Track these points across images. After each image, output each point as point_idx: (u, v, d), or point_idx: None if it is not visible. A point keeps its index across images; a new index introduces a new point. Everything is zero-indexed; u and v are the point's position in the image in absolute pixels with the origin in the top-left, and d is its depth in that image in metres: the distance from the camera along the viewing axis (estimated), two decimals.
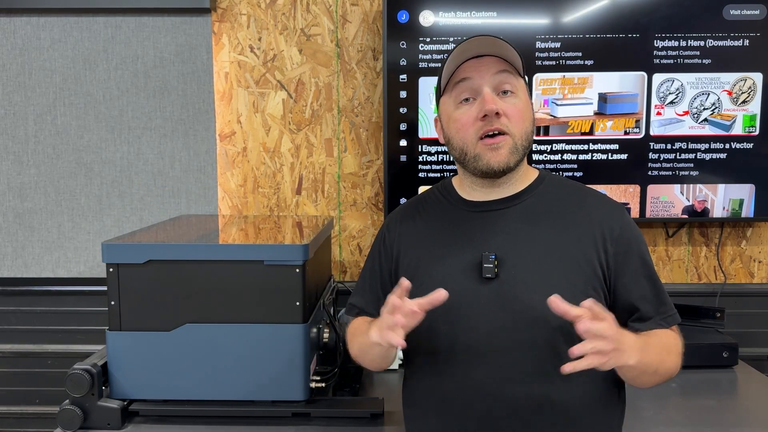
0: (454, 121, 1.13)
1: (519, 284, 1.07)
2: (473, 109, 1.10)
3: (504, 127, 1.09)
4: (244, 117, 1.92)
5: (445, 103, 1.16)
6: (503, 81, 1.11)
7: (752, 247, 1.97)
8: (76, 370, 1.32)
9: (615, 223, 1.11)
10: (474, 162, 1.11)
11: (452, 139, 1.14)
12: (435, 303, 0.96)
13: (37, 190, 1.93)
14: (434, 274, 1.11)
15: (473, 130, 1.10)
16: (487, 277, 1.07)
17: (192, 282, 1.33)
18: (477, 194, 1.17)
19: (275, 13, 1.89)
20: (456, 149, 1.14)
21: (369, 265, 1.27)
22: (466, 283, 1.08)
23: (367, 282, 1.26)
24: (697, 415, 1.43)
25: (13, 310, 1.95)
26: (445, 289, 0.98)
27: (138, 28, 1.88)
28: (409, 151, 1.83)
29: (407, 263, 1.17)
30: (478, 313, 1.07)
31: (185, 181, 1.92)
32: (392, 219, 1.27)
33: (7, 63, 1.89)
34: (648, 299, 1.10)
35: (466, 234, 1.14)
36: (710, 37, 1.79)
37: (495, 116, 1.08)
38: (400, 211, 1.28)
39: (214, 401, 1.36)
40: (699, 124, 1.82)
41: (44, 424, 1.95)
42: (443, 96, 1.17)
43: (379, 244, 1.25)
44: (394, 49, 1.79)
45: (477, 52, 1.11)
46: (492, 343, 1.06)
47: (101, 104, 1.90)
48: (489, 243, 1.10)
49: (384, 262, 1.23)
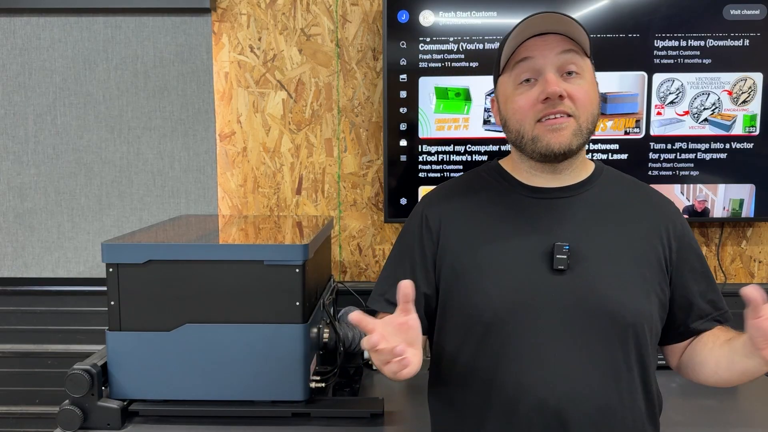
0: (512, 102, 1.06)
1: (593, 278, 1.02)
2: (533, 91, 1.04)
3: (569, 110, 1.03)
4: (244, 117, 1.92)
5: (504, 83, 1.09)
6: (568, 61, 1.03)
7: (752, 247, 1.97)
8: (76, 370, 1.32)
9: (676, 219, 1.12)
10: (532, 144, 1.05)
11: (509, 120, 1.08)
12: (406, 300, 0.89)
13: (37, 190, 1.93)
14: (495, 260, 1.04)
15: (532, 113, 1.04)
16: (559, 269, 1.01)
17: (192, 282, 1.33)
18: (537, 180, 1.10)
19: (275, 13, 1.89)
20: (512, 131, 1.08)
21: (403, 251, 1.15)
22: (535, 273, 1.02)
23: (403, 269, 1.13)
24: (697, 415, 1.43)
25: (13, 310, 1.95)
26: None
27: (138, 28, 1.88)
28: (409, 151, 1.83)
29: (456, 248, 1.08)
30: (548, 307, 1.01)
31: (185, 181, 1.92)
32: (430, 200, 1.16)
33: (7, 63, 1.89)
34: (705, 296, 1.11)
35: (530, 221, 1.06)
36: (710, 37, 1.79)
37: (558, 99, 1.01)
38: (438, 192, 1.18)
39: (214, 401, 1.36)
40: (699, 124, 1.82)
41: (44, 424, 1.95)
42: (502, 75, 1.09)
43: (419, 227, 1.13)
44: (394, 49, 1.79)
45: (541, 29, 1.04)
46: (562, 339, 1.00)
47: (101, 104, 1.90)
48: (557, 232, 1.04)
49: (427, 245, 1.12)
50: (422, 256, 1.12)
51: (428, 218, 1.13)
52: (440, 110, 1.82)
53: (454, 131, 1.82)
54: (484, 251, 1.05)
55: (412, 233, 1.15)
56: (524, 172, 1.12)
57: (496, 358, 1.03)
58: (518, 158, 1.12)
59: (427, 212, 1.14)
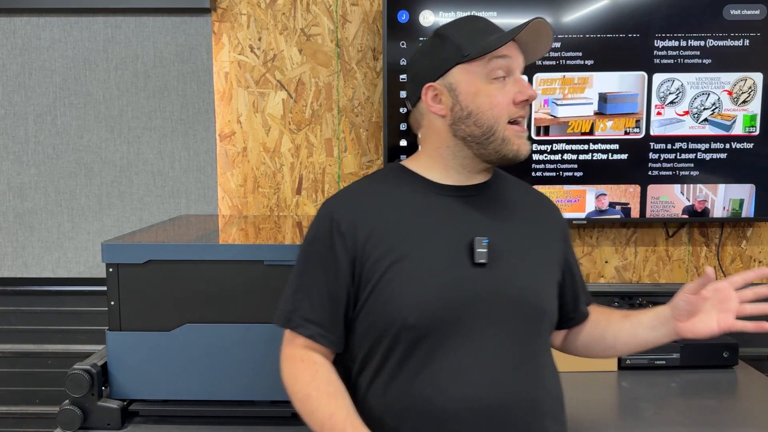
0: (489, 97, 1.03)
1: (512, 270, 1.05)
2: (509, 89, 1.04)
3: (526, 118, 1.08)
4: (244, 117, 1.92)
5: (472, 72, 1.04)
6: (521, 71, 1.08)
7: (752, 247, 1.96)
8: (76, 370, 1.32)
9: (563, 220, 1.20)
10: (500, 144, 1.04)
11: (481, 114, 1.03)
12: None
13: (37, 190, 1.93)
14: (418, 260, 1.02)
15: (507, 112, 1.04)
16: (480, 263, 1.02)
17: (192, 282, 1.33)
18: (451, 179, 1.09)
19: (275, 13, 1.89)
20: (482, 126, 1.04)
21: (313, 260, 1.06)
22: (458, 268, 1.02)
23: (316, 280, 1.05)
24: (697, 415, 1.43)
25: (13, 310, 1.95)
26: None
27: (138, 28, 1.88)
28: (409, 151, 1.83)
29: (374, 252, 1.02)
30: (473, 301, 1.01)
31: (185, 181, 1.92)
32: (337, 204, 1.08)
33: (7, 63, 1.89)
34: (583, 286, 1.22)
35: (447, 218, 1.06)
36: (710, 37, 1.79)
37: (526, 104, 1.06)
38: (345, 196, 1.11)
39: (214, 401, 1.36)
40: (699, 124, 1.82)
41: (44, 424, 1.95)
42: (467, 63, 1.04)
43: (329, 233, 1.04)
44: (394, 49, 1.79)
45: (525, 38, 1.06)
46: (489, 332, 1.01)
47: (101, 104, 1.90)
48: (475, 228, 1.05)
49: (341, 252, 1.03)
50: (336, 263, 1.03)
51: (339, 223, 1.04)
52: None
53: None
54: (404, 252, 1.02)
55: (322, 240, 1.05)
56: (438, 172, 1.09)
57: (427, 359, 1.01)
58: (449, 156, 1.08)
59: (336, 217, 1.05)
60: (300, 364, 1.05)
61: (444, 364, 1.00)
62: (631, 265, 1.96)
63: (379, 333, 1.02)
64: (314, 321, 1.05)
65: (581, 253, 1.96)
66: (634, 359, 1.66)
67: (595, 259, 1.96)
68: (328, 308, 1.04)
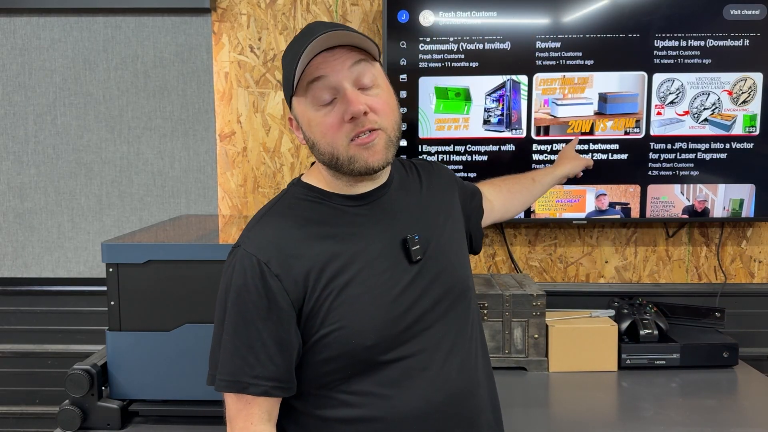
0: (318, 125, 1.00)
1: (440, 257, 1.07)
2: (336, 111, 0.98)
3: (375, 124, 0.99)
4: (244, 117, 1.92)
5: (301, 104, 1.02)
6: (362, 73, 0.99)
7: (752, 247, 1.96)
8: (76, 370, 1.32)
9: (445, 170, 1.25)
10: (350, 164, 1.00)
11: (318, 143, 1.01)
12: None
13: (37, 190, 1.93)
14: (361, 273, 0.99)
15: (342, 134, 0.98)
16: (417, 260, 1.03)
17: (192, 282, 1.33)
18: (358, 189, 1.06)
19: (275, 13, 1.89)
20: (325, 154, 1.01)
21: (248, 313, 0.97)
22: (399, 272, 1.02)
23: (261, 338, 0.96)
24: (697, 415, 1.43)
25: (13, 310, 1.95)
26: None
27: (138, 28, 1.88)
28: (409, 151, 1.83)
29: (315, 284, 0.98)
30: (420, 301, 1.02)
31: (185, 181, 1.92)
32: (259, 245, 0.99)
33: (7, 63, 1.89)
34: (475, 192, 1.31)
35: (372, 227, 1.04)
36: (710, 37, 1.79)
37: (363, 116, 0.97)
38: (262, 235, 1.02)
39: (214, 401, 1.36)
40: (699, 124, 1.82)
41: (44, 424, 1.95)
42: (296, 96, 1.02)
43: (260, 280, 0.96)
44: (394, 49, 1.79)
45: (326, 45, 0.98)
46: (434, 327, 1.02)
47: (101, 104, 1.90)
48: (399, 228, 1.05)
49: (281, 296, 0.96)
50: (277, 307, 0.96)
51: (269, 265, 0.96)
52: (440, 110, 1.82)
53: (454, 131, 1.82)
54: (350, 276, 0.99)
55: (254, 289, 0.96)
56: (342, 185, 1.06)
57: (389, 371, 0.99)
58: (332, 176, 1.06)
59: (263, 259, 0.97)
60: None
61: (405, 372, 1.00)
62: (631, 265, 1.96)
63: (336, 360, 0.99)
64: (265, 376, 0.96)
65: (581, 253, 1.96)
66: (634, 359, 1.66)
67: (595, 259, 1.96)
68: (278, 358, 0.97)
